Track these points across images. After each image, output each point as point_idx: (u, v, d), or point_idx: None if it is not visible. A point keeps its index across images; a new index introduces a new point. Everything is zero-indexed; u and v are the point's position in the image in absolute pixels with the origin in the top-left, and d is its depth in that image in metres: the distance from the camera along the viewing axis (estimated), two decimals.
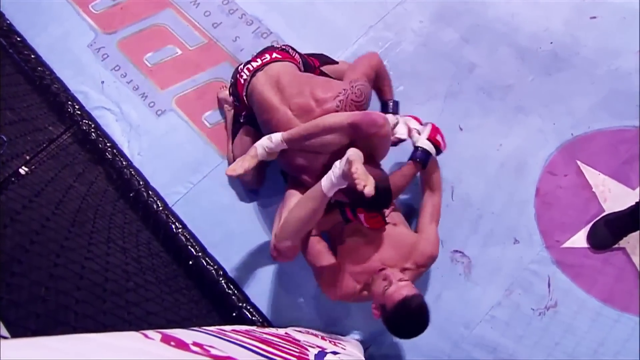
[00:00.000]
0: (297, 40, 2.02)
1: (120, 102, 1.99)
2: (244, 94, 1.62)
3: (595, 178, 1.70)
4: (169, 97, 1.99)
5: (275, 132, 1.47)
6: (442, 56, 1.92)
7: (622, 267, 1.57)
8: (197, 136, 1.91)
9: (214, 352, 0.72)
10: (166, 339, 0.69)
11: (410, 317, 1.23)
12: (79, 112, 1.95)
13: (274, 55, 1.63)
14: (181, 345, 0.70)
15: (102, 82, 2.02)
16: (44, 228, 1.27)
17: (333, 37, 2.00)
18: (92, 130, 1.93)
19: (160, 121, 1.95)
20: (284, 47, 1.70)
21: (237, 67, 1.67)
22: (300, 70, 1.65)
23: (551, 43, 1.89)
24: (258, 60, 1.62)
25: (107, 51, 2.07)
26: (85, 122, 1.94)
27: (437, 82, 1.88)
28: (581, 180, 1.70)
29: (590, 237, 1.62)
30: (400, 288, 1.25)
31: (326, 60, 1.80)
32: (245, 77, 1.60)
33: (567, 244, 1.65)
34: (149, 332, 0.70)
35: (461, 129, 1.83)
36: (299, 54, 1.72)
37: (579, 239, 1.65)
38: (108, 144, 1.91)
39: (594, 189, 1.69)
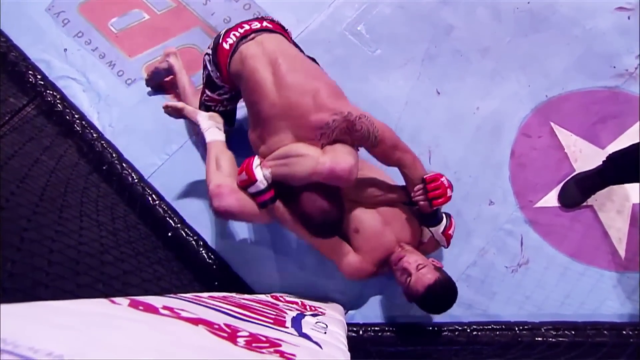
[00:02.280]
0: (272, 3, 1.90)
1: (86, 71, 1.85)
2: (228, 64, 1.36)
3: (568, 139, 1.70)
4: (139, 65, 1.86)
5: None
6: (419, 18, 1.85)
7: (589, 224, 1.61)
8: None
9: (184, 314, 0.70)
10: (134, 304, 0.67)
11: (437, 300, 1.32)
12: (41, 82, 1.81)
13: (265, 24, 1.38)
14: (150, 309, 0.67)
15: (65, 49, 1.87)
16: (8, 203, 1.18)
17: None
18: (58, 101, 1.80)
19: (131, 90, 1.84)
20: (273, 20, 1.46)
21: (218, 34, 1.43)
22: (300, 51, 1.41)
23: (528, 3, 1.84)
24: (245, 25, 1.37)
25: (67, 16, 1.91)
26: (49, 93, 1.80)
27: (415, 45, 1.82)
28: (554, 141, 1.71)
29: (560, 196, 1.64)
30: (421, 277, 1.29)
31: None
32: (231, 42, 1.35)
33: (540, 204, 1.67)
34: (117, 299, 0.66)
35: (439, 93, 1.78)
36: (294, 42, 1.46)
37: (551, 199, 1.67)
38: (76, 116, 1.79)
39: (565, 150, 1.69)
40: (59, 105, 1.79)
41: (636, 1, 1.81)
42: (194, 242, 1.66)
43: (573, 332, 1.45)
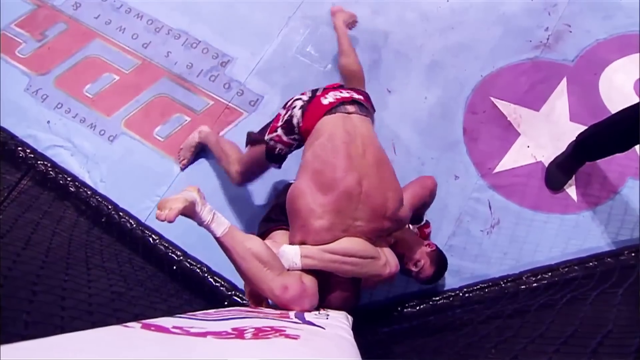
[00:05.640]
0: (225, 42, 2.01)
1: (70, 137, 1.92)
2: (320, 117, 1.26)
3: (507, 108, 1.83)
4: (117, 121, 1.94)
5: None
6: (358, 30, 2.00)
7: (542, 177, 1.73)
8: (153, 152, 1.89)
9: (193, 330, 0.72)
10: (146, 326, 0.69)
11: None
12: (31, 156, 1.87)
13: (357, 96, 1.31)
14: (161, 329, 0.70)
15: (48, 122, 1.94)
16: (15, 263, 1.20)
17: (257, 33, 2.02)
18: (50, 169, 1.86)
19: (115, 146, 1.91)
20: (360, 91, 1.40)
21: (316, 89, 1.40)
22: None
23: (447, 1, 1.99)
24: (345, 93, 1.31)
25: (45, 92, 1.98)
26: (40, 164, 1.86)
27: (359, 54, 1.94)
28: (497, 113, 1.84)
29: (548, 182, 1.70)
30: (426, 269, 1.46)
31: None
32: (331, 100, 1.27)
33: (498, 169, 1.78)
34: (129, 323, 0.69)
35: (389, 92, 1.90)
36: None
37: (506, 162, 1.79)
38: (69, 179, 1.86)
39: (508, 118, 1.82)
40: (51, 172, 1.85)
41: None
42: (198, 270, 1.70)
43: (550, 274, 1.54)
